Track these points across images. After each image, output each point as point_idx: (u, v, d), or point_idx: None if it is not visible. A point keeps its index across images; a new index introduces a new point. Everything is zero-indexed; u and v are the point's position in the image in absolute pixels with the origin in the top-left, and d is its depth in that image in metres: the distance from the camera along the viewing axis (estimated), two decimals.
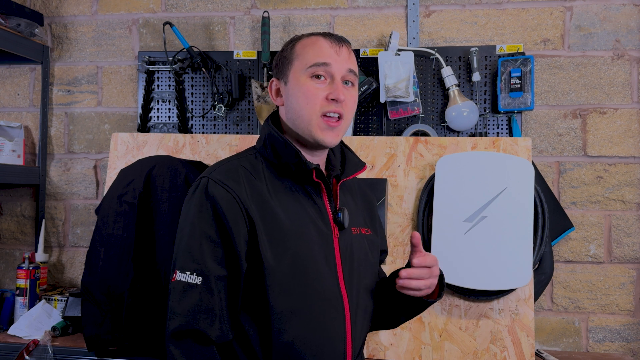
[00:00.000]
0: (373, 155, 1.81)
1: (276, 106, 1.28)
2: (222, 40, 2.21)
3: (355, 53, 2.08)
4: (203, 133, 2.16)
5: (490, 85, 2.03)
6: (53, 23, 2.31)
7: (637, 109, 2.00)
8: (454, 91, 1.97)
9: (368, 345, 1.68)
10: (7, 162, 2.13)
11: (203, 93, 2.17)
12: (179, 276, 1.12)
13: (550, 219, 1.84)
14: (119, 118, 2.26)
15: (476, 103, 2.01)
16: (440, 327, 1.67)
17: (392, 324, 1.40)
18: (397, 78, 1.98)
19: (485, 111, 2.03)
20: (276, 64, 1.26)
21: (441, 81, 2.03)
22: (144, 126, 2.19)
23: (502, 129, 2.02)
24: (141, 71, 2.20)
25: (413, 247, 1.18)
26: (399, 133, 2.05)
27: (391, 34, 1.99)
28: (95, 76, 2.28)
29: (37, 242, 2.16)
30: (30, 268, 1.98)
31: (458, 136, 2.02)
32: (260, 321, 1.13)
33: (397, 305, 1.30)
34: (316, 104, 1.17)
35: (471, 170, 1.69)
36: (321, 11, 2.16)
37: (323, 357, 1.15)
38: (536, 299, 1.88)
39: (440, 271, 1.22)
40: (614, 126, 2.00)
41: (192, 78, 2.18)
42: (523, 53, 2.01)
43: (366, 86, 1.99)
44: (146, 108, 2.19)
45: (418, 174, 1.78)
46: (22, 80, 2.33)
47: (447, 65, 2.01)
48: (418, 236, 1.16)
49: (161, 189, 1.64)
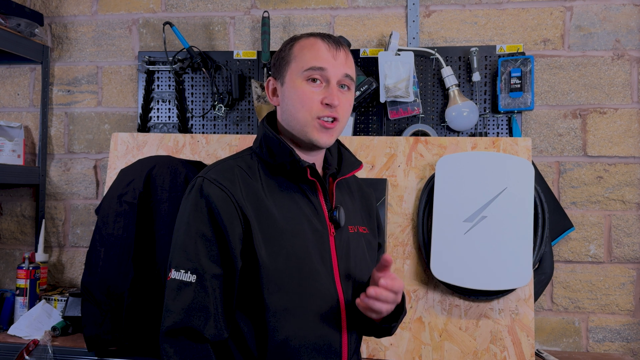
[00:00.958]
0: (373, 155, 1.81)
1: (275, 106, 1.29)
2: (222, 40, 2.21)
3: (355, 53, 2.08)
4: (203, 133, 2.16)
5: (490, 85, 2.03)
6: (53, 23, 2.31)
7: (637, 109, 1.99)
8: (454, 91, 1.97)
9: (368, 345, 1.68)
10: (7, 162, 2.13)
11: (203, 93, 2.17)
12: (174, 274, 1.12)
13: (550, 219, 1.84)
14: (119, 118, 2.26)
15: (476, 103, 2.01)
16: (440, 327, 1.67)
17: (378, 335, 1.34)
18: (397, 78, 1.98)
19: (485, 111, 2.03)
20: (274, 64, 1.27)
21: (441, 81, 2.03)
22: (144, 126, 2.19)
23: (502, 129, 2.02)
24: (141, 71, 2.20)
25: (382, 268, 1.12)
26: (399, 133, 2.05)
27: (391, 34, 1.99)
28: (95, 76, 2.29)
29: (37, 242, 2.16)
30: (30, 268, 1.98)
31: (458, 136, 2.02)
32: (255, 319, 1.13)
33: (364, 321, 1.24)
34: (311, 108, 1.18)
35: (471, 170, 1.69)
36: (321, 11, 2.16)
37: (319, 356, 1.15)
38: (536, 299, 1.88)
39: (401, 301, 1.21)
40: (614, 126, 2.00)
41: (192, 78, 2.18)
42: (523, 53, 2.01)
43: (366, 86, 1.99)
44: (146, 108, 2.19)
45: (418, 174, 1.78)
46: (22, 80, 2.33)
47: (447, 65, 2.01)
48: (390, 259, 1.11)
49: (161, 189, 1.64)
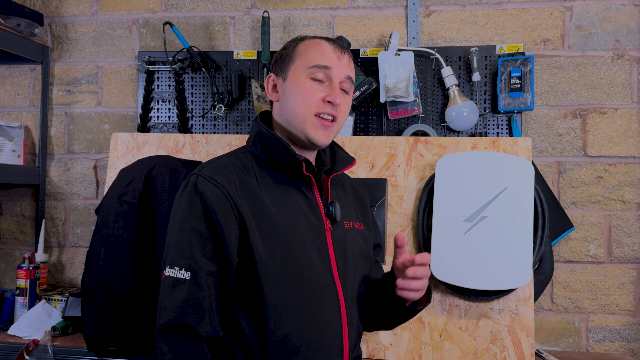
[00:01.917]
0: (373, 155, 1.81)
1: None
2: (222, 40, 2.21)
3: (355, 53, 2.08)
4: (203, 133, 2.16)
5: (490, 85, 2.03)
6: (53, 23, 2.31)
7: (637, 109, 2.00)
8: (454, 91, 1.97)
9: (368, 345, 1.68)
10: (7, 162, 2.13)
11: (203, 93, 2.17)
12: (168, 272, 1.12)
13: (550, 219, 1.84)
14: (119, 118, 2.26)
15: (476, 103, 2.01)
16: (440, 327, 1.67)
17: (387, 327, 1.40)
18: (397, 78, 1.98)
19: (485, 111, 2.03)
20: (276, 60, 1.28)
21: (441, 81, 2.03)
22: (144, 126, 2.19)
23: (502, 129, 2.02)
24: (141, 71, 2.20)
25: (398, 249, 1.19)
26: (399, 133, 2.05)
27: (391, 34, 1.99)
28: (95, 76, 2.29)
29: (37, 242, 2.16)
30: (30, 268, 1.98)
31: (458, 136, 2.02)
32: (254, 316, 1.13)
33: (390, 309, 1.30)
34: (312, 103, 1.19)
35: (471, 170, 1.69)
36: (321, 11, 2.16)
37: (319, 350, 1.15)
38: (536, 299, 1.88)
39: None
40: (614, 126, 2.00)
41: (192, 78, 2.18)
42: (523, 53, 2.01)
43: (366, 86, 1.99)
44: (146, 108, 2.19)
45: (418, 174, 1.78)
46: (22, 80, 2.33)
47: (447, 65, 2.01)
48: (402, 237, 1.18)
49: (161, 189, 1.64)
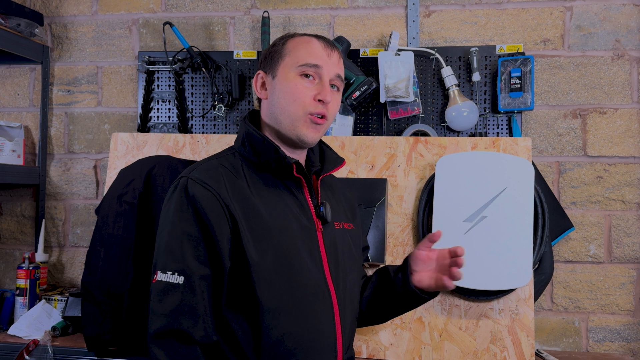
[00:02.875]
0: (373, 155, 1.81)
1: None
2: (222, 40, 2.21)
3: (355, 53, 2.08)
4: (203, 133, 2.16)
5: (490, 85, 2.03)
6: (53, 23, 2.31)
7: (637, 109, 2.00)
8: (454, 91, 1.97)
9: (368, 345, 1.68)
10: (7, 162, 2.13)
11: (203, 93, 2.17)
12: (160, 276, 1.11)
13: (550, 219, 1.84)
14: (119, 118, 2.26)
15: (476, 103, 2.01)
16: (440, 327, 1.67)
17: (382, 320, 1.44)
18: (397, 78, 1.98)
19: (485, 111, 2.03)
20: (265, 57, 1.26)
21: (441, 81, 2.03)
22: (144, 126, 2.19)
23: (502, 129, 2.02)
24: (141, 71, 2.20)
25: (430, 243, 1.28)
26: (399, 133, 2.05)
27: (391, 34, 1.99)
28: (95, 76, 2.29)
29: (37, 242, 2.16)
30: (30, 268, 1.98)
31: (458, 136, 2.02)
32: (248, 319, 1.12)
33: (395, 301, 1.32)
34: (304, 103, 1.18)
35: (471, 170, 1.69)
36: (321, 11, 2.16)
37: (313, 352, 1.15)
38: (536, 299, 1.88)
39: None
40: (614, 126, 2.00)
41: (192, 78, 2.18)
42: (523, 53, 2.01)
43: (366, 86, 1.99)
44: (146, 108, 2.19)
45: (418, 174, 1.78)
46: (22, 80, 2.33)
47: (447, 65, 2.01)
48: (439, 233, 1.26)
49: (161, 189, 1.64)
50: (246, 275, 1.12)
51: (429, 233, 1.70)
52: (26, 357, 1.70)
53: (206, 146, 1.90)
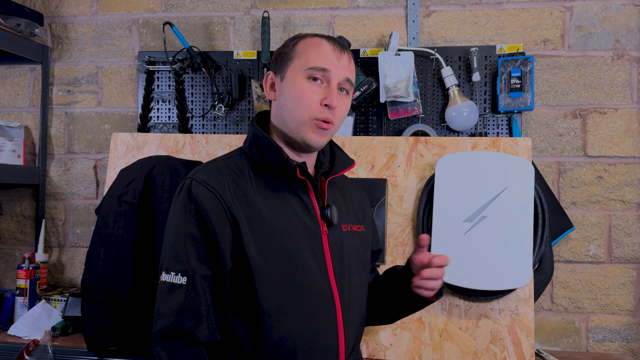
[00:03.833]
0: (373, 155, 1.81)
1: None
2: (222, 40, 2.21)
3: (355, 53, 2.08)
4: (203, 133, 2.16)
5: (490, 85, 2.03)
6: (53, 23, 2.31)
7: (637, 109, 2.00)
8: (454, 91, 1.97)
9: (368, 345, 1.68)
10: (7, 162, 2.13)
11: (203, 93, 2.17)
12: (164, 277, 1.12)
13: (550, 219, 1.84)
14: (119, 118, 2.26)
15: (476, 103, 2.01)
16: (440, 327, 1.67)
17: (389, 321, 1.44)
18: (397, 78, 1.98)
19: (485, 111, 2.03)
20: (275, 58, 1.26)
21: (441, 81, 2.03)
22: (144, 126, 2.19)
23: (502, 129, 2.02)
24: (141, 71, 2.20)
25: (420, 248, 1.21)
26: (399, 133, 2.05)
27: (391, 34, 1.99)
28: (95, 76, 2.29)
29: (37, 242, 2.16)
30: (30, 268, 1.98)
31: (458, 136, 2.02)
32: (249, 320, 1.13)
33: (398, 303, 1.32)
34: (310, 107, 1.17)
35: (471, 170, 1.69)
36: (321, 11, 2.16)
37: (315, 354, 1.14)
38: (536, 299, 1.88)
39: None
40: (614, 126, 2.00)
41: (192, 78, 2.18)
42: (523, 53, 2.01)
43: (366, 86, 1.99)
44: (146, 108, 2.19)
45: (418, 174, 1.78)
46: (22, 80, 2.33)
47: (447, 65, 2.01)
48: (427, 238, 1.20)
49: (161, 189, 1.64)
50: (247, 276, 1.12)
51: (429, 233, 1.71)
52: (26, 357, 1.70)
53: (206, 146, 1.90)
